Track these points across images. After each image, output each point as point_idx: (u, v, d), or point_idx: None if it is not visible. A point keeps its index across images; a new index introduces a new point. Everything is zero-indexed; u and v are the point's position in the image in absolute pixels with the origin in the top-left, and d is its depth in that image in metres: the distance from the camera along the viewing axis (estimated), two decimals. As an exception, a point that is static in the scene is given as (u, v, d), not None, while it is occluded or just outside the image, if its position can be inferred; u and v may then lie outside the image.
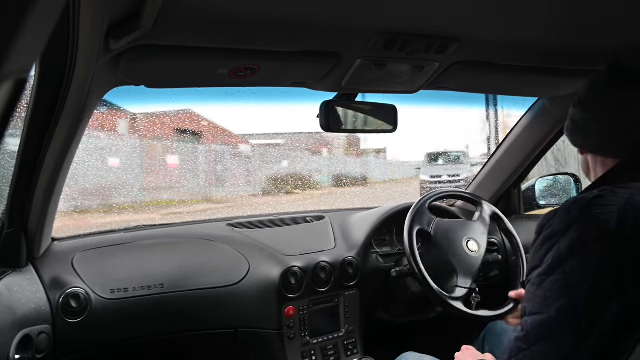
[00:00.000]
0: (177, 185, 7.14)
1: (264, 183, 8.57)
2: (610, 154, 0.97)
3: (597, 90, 0.98)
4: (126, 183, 6.08)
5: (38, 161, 1.09)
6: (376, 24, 1.00)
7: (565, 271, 0.84)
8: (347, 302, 1.74)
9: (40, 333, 1.23)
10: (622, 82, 0.96)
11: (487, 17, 1.00)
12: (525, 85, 1.51)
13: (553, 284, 0.85)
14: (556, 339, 0.84)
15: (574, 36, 1.12)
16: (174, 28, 0.90)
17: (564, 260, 0.85)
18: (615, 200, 0.86)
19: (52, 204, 1.28)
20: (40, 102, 0.93)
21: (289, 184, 8.50)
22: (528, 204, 2.10)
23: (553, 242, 0.87)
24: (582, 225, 0.85)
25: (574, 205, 0.89)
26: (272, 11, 0.89)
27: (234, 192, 8.09)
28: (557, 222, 0.88)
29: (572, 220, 0.86)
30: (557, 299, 0.84)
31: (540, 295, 0.86)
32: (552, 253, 0.86)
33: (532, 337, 0.86)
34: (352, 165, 10.85)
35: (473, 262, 1.55)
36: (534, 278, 0.89)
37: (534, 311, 0.87)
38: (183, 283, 1.53)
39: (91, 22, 0.73)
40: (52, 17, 0.39)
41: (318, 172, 9.78)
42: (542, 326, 0.85)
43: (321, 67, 1.17)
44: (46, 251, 1.43)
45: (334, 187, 9.56)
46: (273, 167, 9.07)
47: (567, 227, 0.86)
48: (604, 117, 0.96)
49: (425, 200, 1.65)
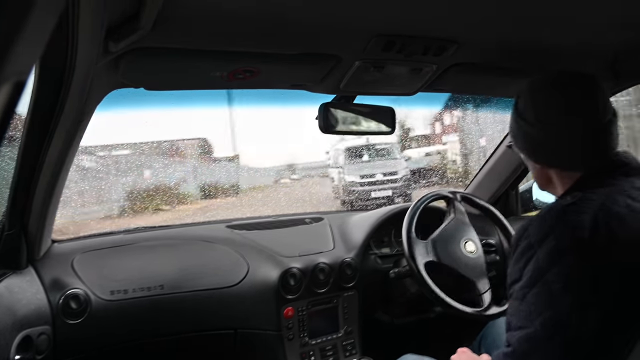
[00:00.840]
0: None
1: (118, 201, 7.52)
2: (578, 167, 0.94)
3: (547, 101, 0.94)
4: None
5: (38, 163, 1.09)
6: (375, 26, 1.01)
7: (548, 281, 0.83)
8: (345, 303, 1.74)
9: (40, 334, 1.24)
10: (568, 84, 0.94)
11: (485, 19, 1.00)
12: None
13: (536, 297, 0.84)
14: (544, 352, 0.84)
15: (572, 37, 1.13)
16: (173, 30, 0.90)
17: (544, 271, 0.84)
18: (588, 206, 0.85)
19: (52, 205, 1.28)
20: (40, 104, 0.93)
21: (149, 200, 7.52)
22: (526, 206, 2.11)
23: (531, 253, 0.86)
24: (558, 234, 0.84)
25: (549, 214, 0.88)
26: (271, 14, 0.90)
27: (79, 216, 6.46)
28: (533, 233, 0.87)
29: (548, 229, 0.86)
30: (541, 312, 0.83)
31: (524, 310, 0.85)
32: (531, 265, 0.85)
33: (519, 353, 0.86)
34: (210, 175, 9.86)
35: (473, 263, 1.55)
36: (516, 292, 0.88)
37: (519, 325, 0.86)
38: (182, 284, 1.54)
39: (90, 25, 0.74)
40: (51, 20, 0.39)
41: (181, 183, 8.75)
42: (528, 341, 0.84)
43: (320, 69, 1.17)
44: (46, 253, 1.43)
45: (205, 200, 8.50)
46: (125, 180, 7.81)
47: (544, 237, 0.85)
48: (566, 130, 0.91)
49: (423, 202, 1.66)
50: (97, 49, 0.85)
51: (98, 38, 0.82)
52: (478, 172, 2.11)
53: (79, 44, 0.75)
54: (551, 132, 0.92)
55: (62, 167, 1.17)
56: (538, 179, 1.03)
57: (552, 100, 0.93)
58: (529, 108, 0.95)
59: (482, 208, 1.75)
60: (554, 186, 1.00)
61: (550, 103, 0.93)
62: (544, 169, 0.99)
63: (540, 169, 1.00)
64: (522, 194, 2.11)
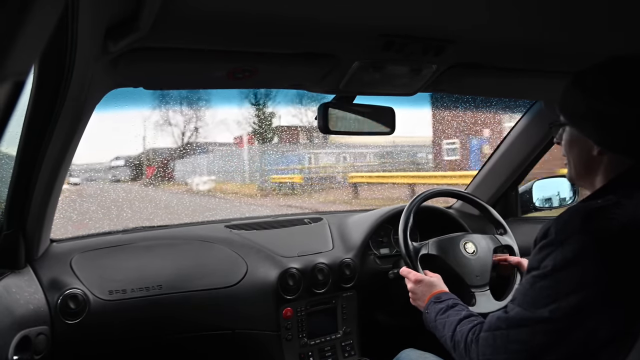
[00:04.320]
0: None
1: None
2: (635, 153, 0.90)
3: (629, 81, 0.89)
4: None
5: (37, 162, 1.09)
6: (374, 26, 1.00)
7: (558, 280, 0.85)
8: (344, 304, 1.74)
9: (38, 334, 1.23)
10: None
11: (485, 19, 1.00)
12: (523, 87, 1.51)
13: (542, 290, 0.86)
14: (534, 333, 0.87)
15: (573, 38, 1.12)
16: (172, 30, 0.90)
17: (557, 270, 0.85)
18: (619, 213, 0.84)
19: (51, 205, 1.28)
20: (39, 104, 0.93)
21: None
22: (525, 207, 2.11)
23: (550, 250, 0.86)
24: (580, 239, 0.83)
25: (575, 215, 0.87)
26: (271, 13, 0.90)
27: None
28: (556, 232, 0.86)
29: (571, 231, 0.85)
30: (544, 304, 0.86)
31: (530, 295, 0.89)
32: (548, 260, 0.86)
33: (513, 322, 0.90)
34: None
35: (473, 265, 1.55)
36: (530, 277, 0.90)
37: (521, 305, 0.90)
38: (181, 284, 1.53)
39: (90, 25, 0.74)
40: (50, 20, 0.39)
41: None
42: (524, 320, 0.89)
43: (319, 69, 1.17)
44: (44, 252, 1.43)
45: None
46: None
47: (566, 238, 0.85)
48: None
49: (419, 200, 1.65)
50: (96, 49, 0.85)
51: (97, 38, 0.82)
52: (478, 172, 2.11)
53: (78, 43, 0.75)
54: (630, 113, 0.88)
55: (61, 166, 1.17)
56: (580, 166, 0.98)
57: (634, 80, 0.90)
58: (603, 86, 0.91)
59: (481, 208, 1.75)
60: (593, 177, 0.96)
61: (632, 83, 0.89)
62: (594, 153, 0.94)
63: (589, 154, 0.95)
64: (521, 195, 2.11)
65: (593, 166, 0.95)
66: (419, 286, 1.35)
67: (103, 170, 8.30)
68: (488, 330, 0.95)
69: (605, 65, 0.93)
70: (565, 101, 0.99)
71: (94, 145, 11.28)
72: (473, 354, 0.98)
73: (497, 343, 0.92)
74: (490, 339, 0.94)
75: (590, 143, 0.93)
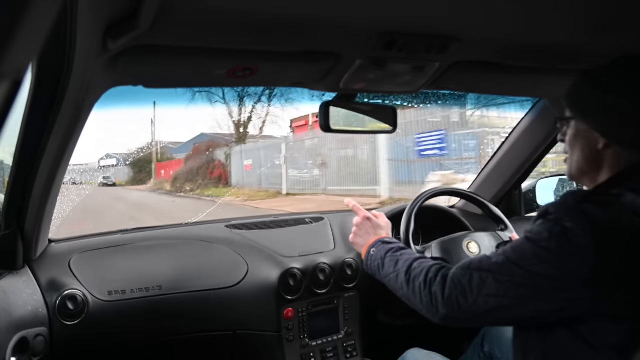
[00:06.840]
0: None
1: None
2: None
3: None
4: None
5: (35, 162, 1.08)
6: (376, 24, 0.99)
7: (549, 249, 0.87)
8: (346, 304, 1.73)
9: (37, 335, 1.23)
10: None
11: (488, 16, 0.99)
12: (527, 85, 1.50)
13: (532, 251, 0.89)
14: (512, 282, 0.89)
15: (577, 36, 1.11)
16: (172, 28, 0.89)
17: (550, 239, 0.86)
18: (619, 203, 0.86)
19: (49, 205, 1.27)
20: (38, 103, 0.92)
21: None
22: (529, 205, 2.10)
23: (549, 224, 0.88)
24: (578, 218, 0.85)
25: (570, 197, 0.89)
26: (271, 11, 0.89)
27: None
28: (555, 210, 0.88)
29: (569, 209, 0.87)
30: (530, 264, 0.88)
31: (519, 252, 0.91)
32: (545, 231, 0.88)
33: (495, 267, 0.92)
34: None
35: None
36: (524, 238, 0.92)
37: (508, 257, 0.92)
38: (181, 285, 1.52)
39: (89, 22, 0.73)
40: (49, 17, 0.39)
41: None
42: (507, 267, 0.91)
43: (320, 68, 1.16)
44: (43, 253, 1.42)
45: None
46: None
47: (564, 216, 0.86)
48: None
49: (421, 200, 1.64)
50: (95, 47, 0.84)
51: (97, 36, 0.81)
52: (481, 171, 2.10)
53: (78, 41, 0.74)
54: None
55: (59, 166, 1.16)
56: (583, 160, 0.99)
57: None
58: (618, 82, 0.93)
59: (481, 205, 1.74)
60: (596, 171, 0.97)
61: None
62: (600, 147, 0.95)
63: (594, 148, 0.96)
64: (525, 194, 2.10)
65: (597, 160, 0.97)
66: (367, 223, 1.38)
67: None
68: (465, 268, 0.96)
69: (620, 63, 0.95)
70: (575, 96, 1.01)
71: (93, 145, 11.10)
72: (436, 288, 0.99)
73: (472, 284, 0.93)
74: (466, 277, 0.95)
75: (596, 137, 0.95)
